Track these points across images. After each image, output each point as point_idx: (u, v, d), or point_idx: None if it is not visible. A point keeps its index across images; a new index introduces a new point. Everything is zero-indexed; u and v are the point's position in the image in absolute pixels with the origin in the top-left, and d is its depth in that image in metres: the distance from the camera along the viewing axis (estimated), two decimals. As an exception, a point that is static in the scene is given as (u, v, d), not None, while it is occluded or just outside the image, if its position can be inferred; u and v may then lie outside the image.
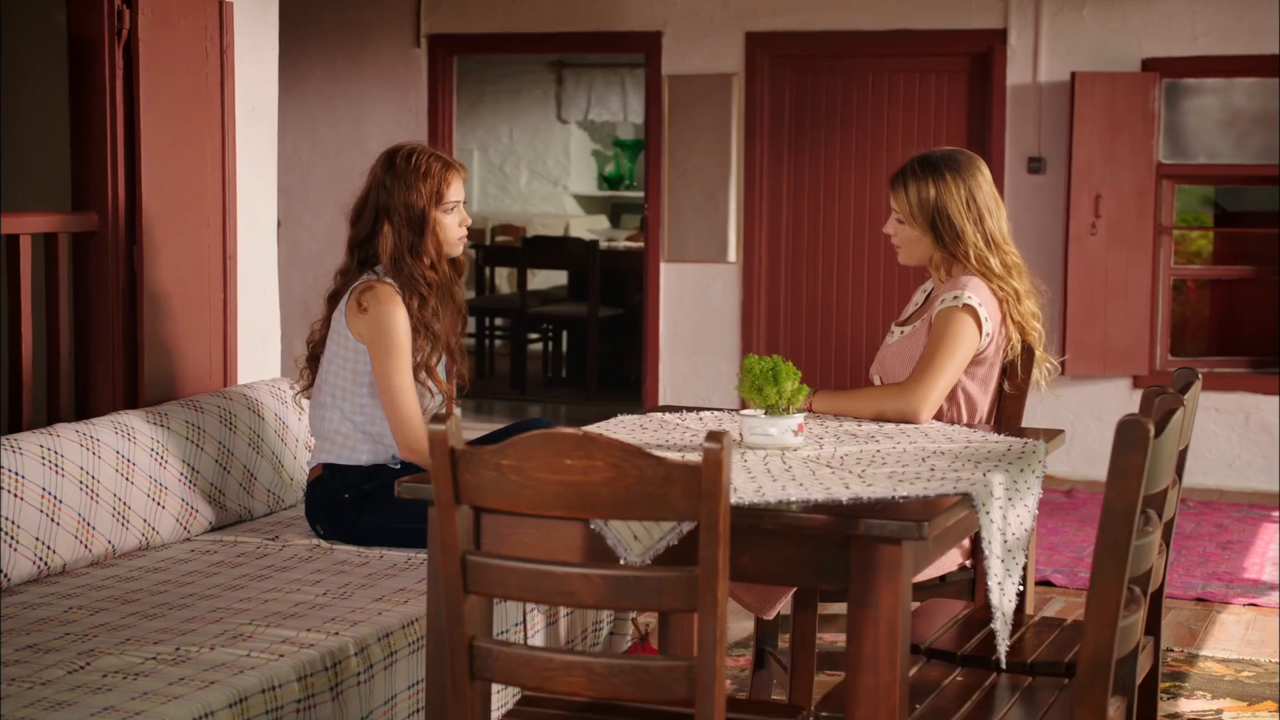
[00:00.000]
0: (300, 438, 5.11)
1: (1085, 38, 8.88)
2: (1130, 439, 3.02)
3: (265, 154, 5.53)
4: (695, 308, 9.63)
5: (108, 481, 4.37)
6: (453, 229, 4.64)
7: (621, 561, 3.19)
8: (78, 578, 4.16)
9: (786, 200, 9.48)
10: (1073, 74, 8.69)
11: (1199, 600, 6.41)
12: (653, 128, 9.67)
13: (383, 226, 4.58)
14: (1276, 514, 8.07)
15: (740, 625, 5.47)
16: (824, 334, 9.46)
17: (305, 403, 5.03)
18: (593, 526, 3.21)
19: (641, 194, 14.33)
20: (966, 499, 3.29)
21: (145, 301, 4.92)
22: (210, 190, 5.14)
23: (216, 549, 4.49)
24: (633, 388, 11.46)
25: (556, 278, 13.33)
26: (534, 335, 12.18)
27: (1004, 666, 3.54)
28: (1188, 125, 8.97)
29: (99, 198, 4.88)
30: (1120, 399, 8.89)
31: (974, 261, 4.33)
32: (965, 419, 4.36)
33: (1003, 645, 3.46)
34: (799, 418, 3.72)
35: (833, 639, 5.42)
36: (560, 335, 12.27)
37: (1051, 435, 4.08)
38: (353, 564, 4.35)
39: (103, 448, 4.40)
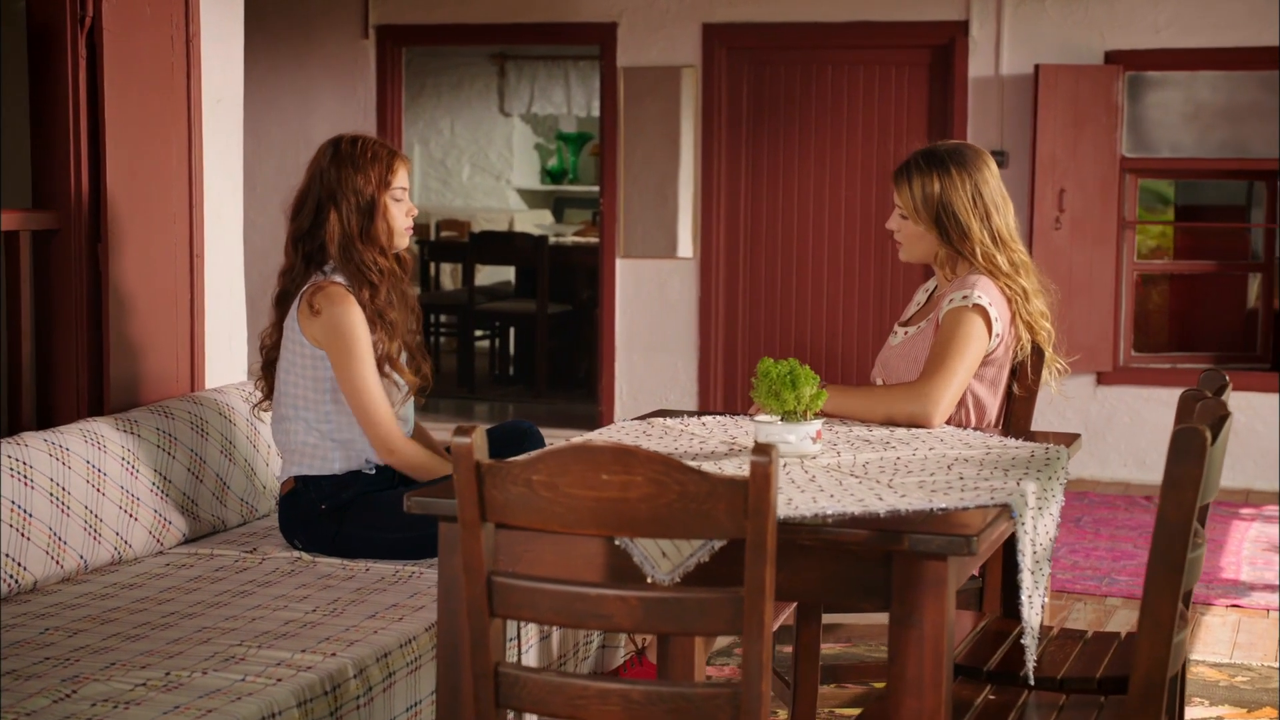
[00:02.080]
0: (273, 444, 4.90)
1: (1048, 30, 8.78)
2: (1187, 448, 2.88)
3: (231, 147, 5.31)
4: (652, 304, 9.46)
5: (78, 493, 4.15)
6: (400, 218, 4.47)
7: (649, 579, 3.02)
8: (49, 596, 3.93)
9: (744, 195, 9.33)
10: (1036, 66, 8.58)
11: (1181, 602, 6.29)
12: (607, 121, 9.49)
13: (328, 215, 4.37)
14: (1244, 511, 7.99)
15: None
16: (783, 330, 9.31)
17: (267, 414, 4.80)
18: (618, 542, 3.04)
19: (585, 188, 14.20)
20: (1005, 510, 3.14)
21: (110, 302, 4.70)
22: (176, 186, 4.92)
23: (193, 563, 4.28)
24: (582, 385, 11.30)
25: (501, 273, 13.13)
26: (481, 332, 11.97)
27: (1033, 684, 3.40)
28: (1151, 118, 8.89)
29: (61, 194, 4.64)
30: (1084, 396, 8.80)
31: (980, 259, 4.18)
32: (974, 422, 4.21)
33: (1031, 661, 3.32)
34: (817, 424, 3.55)
35: (831, 648, 5.28)
36: (508, 332, 12.08)
37: (1070, 440, 3.93)
38: (338, 578, 4.14)
39: (72, 457, 4.18)
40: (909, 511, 3.04)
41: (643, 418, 4.11)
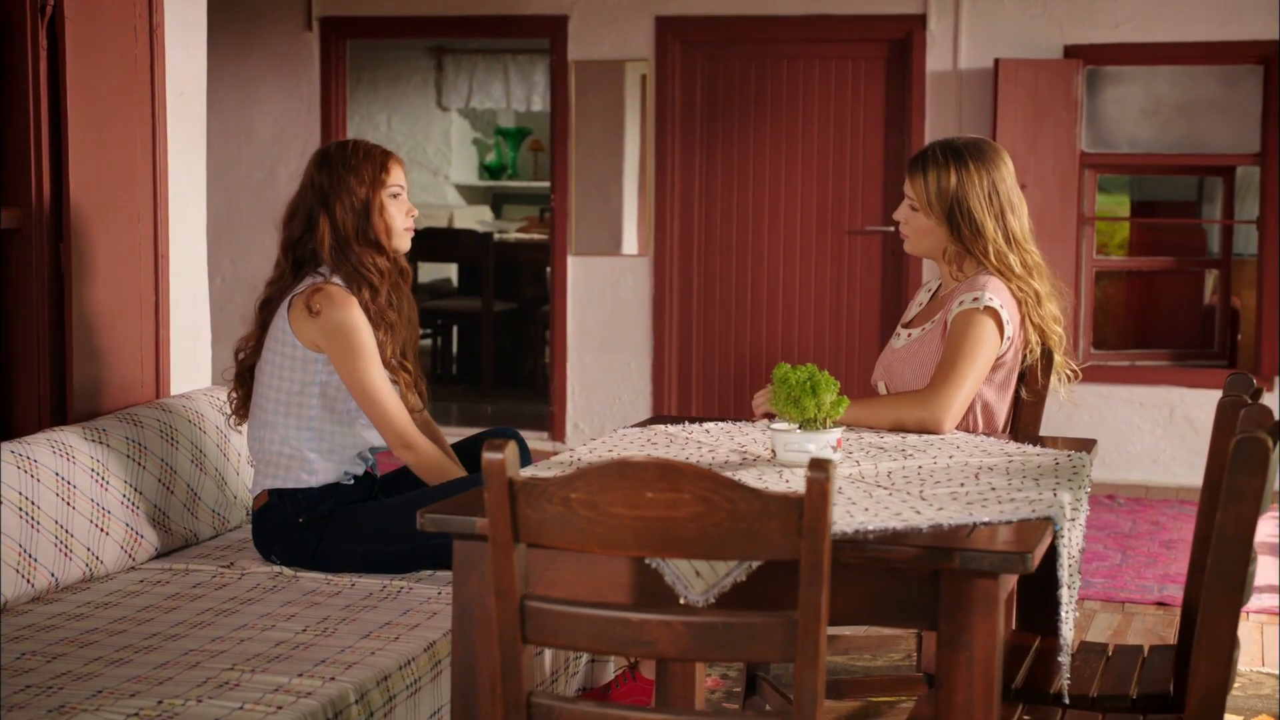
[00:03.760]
0: (243, 451, 4.69)
1: (1006, 24, 8.66)
2: (1249, 458, 2.75)
3: (194, 143, 5.10)
4: (604, 302, 9.28)
5: (48, 507, 3.93)
6: (399, 217, 4.30)
7: (682, 600, 2.86)
8: (20, 617, 3.72)
9: (698, 191, 9.16)
10: (996, 61, 8.47)
11: (1159, 605, 6.20)
12: (559, 116, 9.30)
13: (319, 220, 4.21)
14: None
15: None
16: (738, 328, 9.16)
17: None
18: (648, 561, 2.87)
19: (524, 184, 13.99)
20: (1049, 523, 3.00)
21: (73, 305, 4.47)
22: (141, 183, 4.70)
23: (168, 579, 4.07)
24: (527, 385, 11.11)
25: (440, 270, 12.90)
26: (423, 331, 11.74)
27: (1068, 702, 3.27)
28: (1110, 113, 8.80)
29: (21, 191, 4.41)
30: (1044, 393, 8.69)
31: (993, 259, 4.04)
32: (983, 427, 4.07)
33: (1065, 679, 3.20)
34: (837, 432, 3.40)
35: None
36: (450, 331, 11.86)
37: (1088, 445, 3.80)
38: (324, 594, 3.95)
39: (41, 469, 3.96)
40: (950, 526, 2.90)
41: (643, 425, 3.95)
